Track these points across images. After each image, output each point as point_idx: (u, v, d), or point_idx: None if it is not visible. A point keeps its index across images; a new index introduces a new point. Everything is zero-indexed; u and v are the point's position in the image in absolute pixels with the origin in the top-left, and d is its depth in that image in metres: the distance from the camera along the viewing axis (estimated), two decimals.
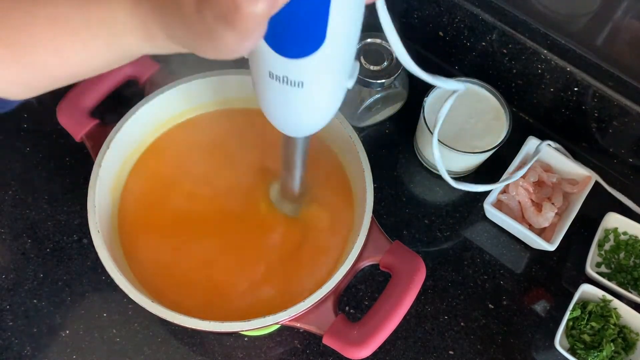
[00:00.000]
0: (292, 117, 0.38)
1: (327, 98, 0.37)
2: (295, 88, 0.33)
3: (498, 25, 0.62)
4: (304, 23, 0.29)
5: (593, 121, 0.63)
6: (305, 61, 0.32)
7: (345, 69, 0.35)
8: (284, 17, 0.28)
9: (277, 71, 0.33)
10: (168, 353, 0.55)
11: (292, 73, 0.33)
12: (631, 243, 0.61)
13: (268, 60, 0.32)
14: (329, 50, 0.31)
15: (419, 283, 0.48)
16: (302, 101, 0.35)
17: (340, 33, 0.31)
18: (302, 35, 0.30)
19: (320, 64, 0.32)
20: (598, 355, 0.55)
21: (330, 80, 0.35)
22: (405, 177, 0.66)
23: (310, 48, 0.31)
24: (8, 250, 0.59)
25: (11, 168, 0.63)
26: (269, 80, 0.34)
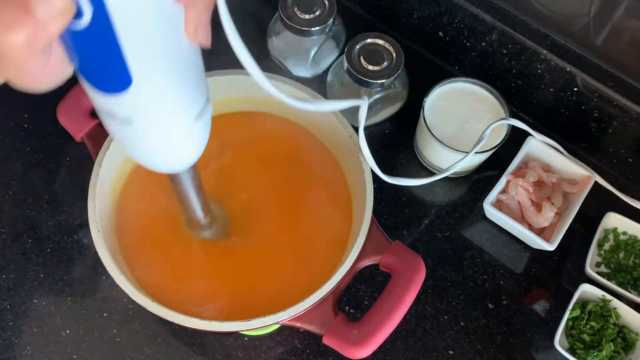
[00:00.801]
0: (140, 154, 0.35)
1: (168, 138, 0.34)
2: (126, 125, 0.31)
3: (498, 25, 0.62)
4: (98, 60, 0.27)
5: (593, 121, 0.63)
6: (122, 98, 0.29)
7: (182, 108, 0.32)
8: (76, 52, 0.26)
9: (101, 105, 0.31)
10: (168, 353, 0.55)
11: (116, 109, 0.30)
12: (631, 243, 0.61)
13: (90, 92, 0.30)
14: (144, 90, 0.29)
15: (419, 283, 0.48)
16: (138, 139, 0.33)
17: (151, 73, 0.29)
18: (104, 72, 0.28)
19: (141, 102, 0.30)
20: (598, 355, 0.55)
21: (161, 120, 0.32)
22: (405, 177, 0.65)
23: (118, 86, 0.28)
24: (8, 250, 0.59)
25: (11, 168, 0.63)
26: (101, 113, 0.32)
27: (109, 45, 0.26)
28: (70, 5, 0.22)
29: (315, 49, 0.64)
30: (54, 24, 0.21)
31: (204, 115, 0.34)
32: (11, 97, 0.67)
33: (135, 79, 0.28)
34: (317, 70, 0.67)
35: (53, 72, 0.24)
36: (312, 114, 0.57)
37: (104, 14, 0.24)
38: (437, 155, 0.62)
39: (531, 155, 0.63)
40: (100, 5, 0.24)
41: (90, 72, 0.29)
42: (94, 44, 0.26)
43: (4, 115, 0.66)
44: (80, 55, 0.27)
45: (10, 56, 0.22)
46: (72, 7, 0.22)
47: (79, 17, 0.24)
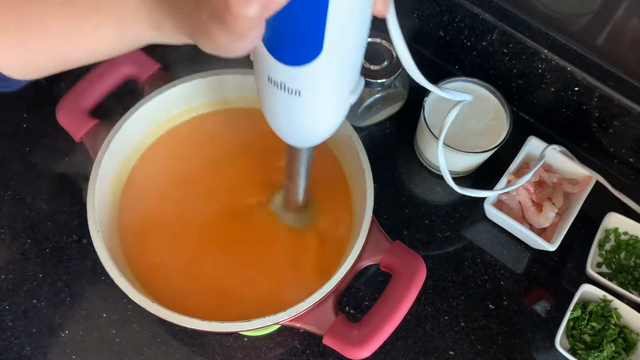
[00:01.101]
0: (291, 126, 0.37)
1: (327, 110, 0.36)
2: (293, 96, 0.33)
3: (498, 24, 0.62)
4: (301, 31, 0.29)
5: (594, 121, 0.63)
6: (303, 70, 0.31)
7: (347, 83, 0.34)
8: (281, 22, 0.28)
9: (275, 77, 0.32)
10: (168, 353, 0.55)
11: (290, 80, 0.32)
12: (632, 243, 0.61)
13: (267, 64, 0.32)
14: (327, 62, 0.30)
15: (420, 283, 0.48)
16: (300, 110, 0.35)
17: (339, 45, 0.30)
18: (299, 43, 0.30)
19: (318, 74, 0.31)
20: (598, 355, 0.55)
21: (329, 92, 0.34)
22: (405, 177, 0.65)
23: (307, 57, 0.30)
24: (8, 251, 0.59)
25: (11, 168, 0.63)
26: (268, 84, 0.33)
27: (319, 16, 0.28)
28: None
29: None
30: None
31: (357, 90, 0.36)
32: (11, 97, 0.67)
33: (324, 50, 0.29)
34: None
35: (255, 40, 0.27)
36: None
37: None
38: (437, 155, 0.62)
39: (532, 155, 0.63)
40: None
41: (280, 44, 0.30)
42: (307, 13, 0.28)
43: (4, 115, 0.66)
44: (285, 25, 0.28)
45: (242, 26, 0.25)
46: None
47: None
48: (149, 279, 0.51)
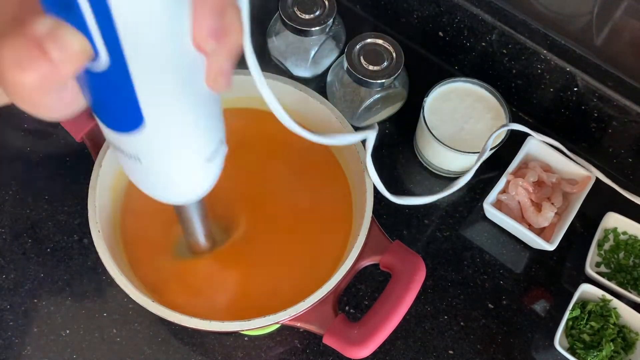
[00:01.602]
0: (148, 188, 0.35)
1: (178, 177, 0.33)
2: (135, 161, 0.31)
3: (498, 25, 0.62)
4: (111, 100, 0.27)
5: (593, 121, 0.63)
6: (132, 138, 0.29)
7: (194, 152, 0.32)
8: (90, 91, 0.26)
9: (112, 140, 0.30)
10: (168, 353, 0.55)
11: (125, 146, 0.30)
12: (631, 243, 0.61)
13: (102, 128, 0.30)
14: (154, 131, 0.28)
15: (419, 283, 0.48)
16: (148, 175, 0.33)
17: (163, 116, 0.28)
18: (115, 112, 0.27)
19: (150, 143, 0.29)
20: (597, 354, 0.55)
21: (171, 161, 0.32)
22: (405, 177, 0.66)
23: (128, 125, 0.28)
24: (8, 250, 0.59)
25: (11, 168, 0.63)
26: (112, 147, 0.32)
27: (123, 88, 0.26)
28: (86, 48, 0.22)
29: (315, 49, 0.64)
30: (68, 66, 0.21)
31: (216, 158, 0.34)
32: None
33: (147, 120, 0.28)
34: (317, 70, 0.67)
35: (67, 105, 0.24)
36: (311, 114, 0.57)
37: (121, 59, 0.24)
38: (437, 155, 0.62)
39: (531, 155, 0.63)
40: (118, 51, 0.23)
41: (102, 110, 0.28)
42: (107, 85, 0.26)
43: (5, 114, 0.66)
44: (93, 94, 0.26)
45: (23, 94, 0.22)
46: (88, 51, 0.22)
47: (95, 59, 0.24)
48: (149, 278, 0.51)
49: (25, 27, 0.21)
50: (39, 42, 0.20)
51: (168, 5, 0.23)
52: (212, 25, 0.24)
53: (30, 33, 0.20)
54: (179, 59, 0.26)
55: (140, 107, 0.27)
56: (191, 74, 0.27)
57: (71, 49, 0.21)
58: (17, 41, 0.21)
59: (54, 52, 0.21)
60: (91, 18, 0.22)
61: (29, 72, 0.21)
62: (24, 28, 0.21)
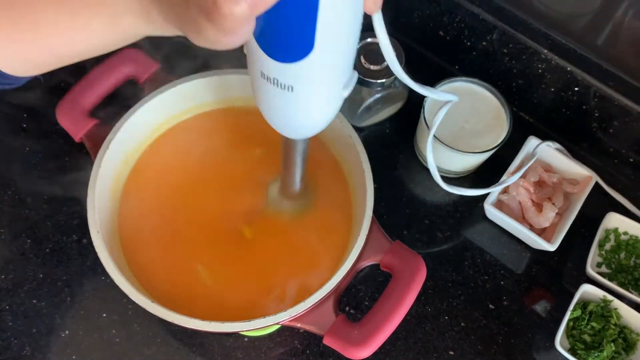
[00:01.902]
0: (285, 119, 0.37)
1: (320, 105, 0.36)
2: (285, 91, 0.33)
3: (498, 25, 0.62)
4: (291, 29, 0.29)
5: (594, 121, 0.63)
6: (295, 66, 0.31)
7: (339, 79, 0.35)
8: (271, 20, 0.28)
9: (268, 72, 0.32)
10: (168, 353, 0.55)
11: (282, 76, 0.32)
12: (632, 243, 0.61)
13: (259, 59, 0.32)
14: (319, 59, 0.31)
15: (420, 283, 0.48)
16: (293, 105, 0.35)
17: (330, 42, 0.30)
18: (290, 40, 0.30)
19: (310, 70, 0.31)
20: (598, 355, 0.55)
21: (321, 88, 0.34)
22: (405, 177, 0.65)
23: (298, 54, 0.30)
24: (7, 251, 0.59)
25: (11, 168, 0.63)
26: (261, 79, 0.33)
27: (310, 14, 0.28)
28: None
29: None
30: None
31: (350, 85, 0.36)
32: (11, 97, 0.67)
33: (316, 48, 0.30)
34: None
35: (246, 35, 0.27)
36: None
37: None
38: (438, 155, 0.62)
39: (532, 155, 0.63)
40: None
41: (271, 41, 0.30)
42: (298, 12, 0.28)
43: (4, 115, 0.66)
44: (276, 23, 0.28)
45: (230, 23, 0.25)
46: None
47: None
48: (149, 278, 0.51)
49: None
50: None
51: None
52: None
53: None
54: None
55: (316, 35, 0.29)
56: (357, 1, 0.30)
57: None
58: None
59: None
60: None
61: (242, 2, 0.24)
62: None
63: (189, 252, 0.53)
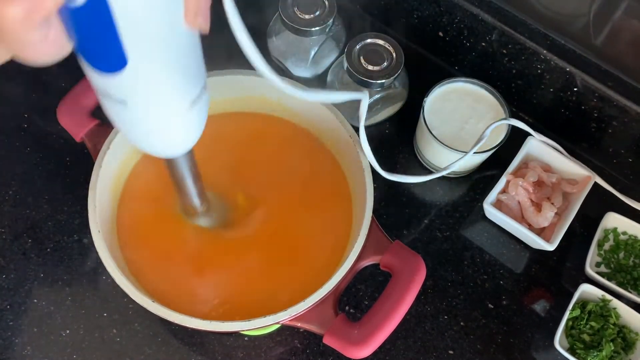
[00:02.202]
0: (135, 136, 0.36)
1: (162, 121, 0.34)
2: (120, 105, 0.31)
3: (498, 25, 0.62)
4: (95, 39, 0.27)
5: (593, 121, 0.63)
6: (117, 78, 0.29)
7: (177, 94, 0.32)
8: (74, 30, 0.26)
9: (97, 84, 0.31)
10: (168, 353, 0.55)
11: (110, 88, 0.31)
12: (631, 243, 0.61)
13: (86, 71, 0.30)
14: (138, 71, 0.29)
15: (419, 283, 0.48)
16: (131, 120, 0.33)
17: (147, 55, 0.28)
18: (100, 51, 0.28)
19: (134, 84, 0.30)
20: (597, 355, 0.55)
21: (155, 102, 0.32)
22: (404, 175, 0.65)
23: (113, 65, 0.29)
24: (8, 250, 0.59)
25: (11, 168, 0.63)
26: (98, 94, 0.32)
27: (105, 24, 0.26)
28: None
29: (315, 49, 0.64)
30: None
31: (199, 102, 0.34)
32: (11, 97, 0.67)
33: (130, 60, 0.28)
34: (317, 70, 0.67)
35: (53, 46, 0.25)
36: (311, 114, 0.57)
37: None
38: (437, 155, 0.62)
39: (531, 155, 0.63)
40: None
41: (87, 51, 0.29)
42: (90, 22, 0.26)
43: (4, 115, 0.66)
44: (77, 33, 0.27)
45: (9, 29, 0.22)
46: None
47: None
48: (149, 278, 0.51)
49: None
50: None
51: None
52: None
53: None
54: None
55: (123, 46, 0.27)
56: (172, 12, 0.28)
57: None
58: None
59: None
60: None
61: (14, 4, 0.21)
62: None
63: (188, 251, 0.53)
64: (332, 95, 0.45)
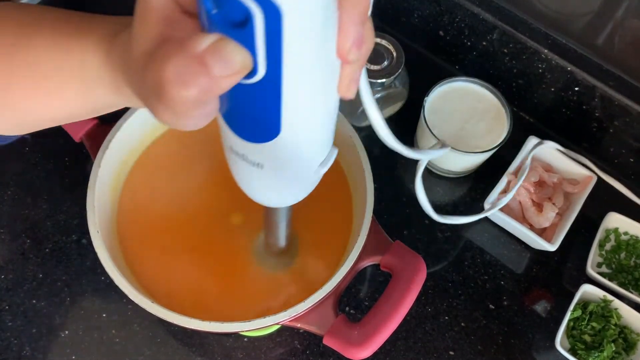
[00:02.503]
0: (257, 192, 0.36)
1: (292, 183, 0.34)
2: (255, 168, 0.31)
3: (499, 24, 0.62)
4: (254, 112, 0.27)
5: (594, 121, 0.63)
6: (262, 147, 0.29)
7: (313, 159, 0.33)
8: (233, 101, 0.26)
9: (237, 148, 0.31)
10: (168, 354, 0.55)
11: (251, 154, 0.31)
12: (632, 243, 0.61)
13: (227, 135, 0.30)
14: (287, 141, 0.29)
15: (420, 283, 0.47)
16: (263, 181, 0.33)
17: (299, 126, 0.28)
18: (255, 123, 0.28)
19: (279, 152, 0.30)
20: (599, 355, 0.55)
21: (292, 167, 0.32)
22: (405, 177, 0.65)
23: (264, 136, 0.28)
24: (7, 250, 0.59)
25: (10, 168, 0.63)
26: (231, 153, 0.32)
27: (272, 100, 0.26)
28: (247, 63, 0.22)
29: None
30: (228, 80, 0.22)
31: (328, 162, 0.34)
32: None
33: (283, 131, 0.28)
34: None
35: (207, 116, 0.24)
36: None
37: (278, 72, 0.24)
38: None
39: (532, 155, 0.63)
40: (277, 64, 0.23)
41: (240, 122, 0.28)
42: (257, 98, 0.25)
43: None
44: (237, 106, 0.27)
45: (180, 109, 0.23)
46: (248, 65, 0.22)
47: (253, 74, 0.23)
48: (149, 279, 0.51)
49: (187, 44, 0.21)
50: (201, 58, 0.21)
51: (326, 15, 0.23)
52: (359, 34, 0.24)
53: (192, 49, 0.21)
54: (322, 70, 0.26)
55: (282, 119, 0.27)
56: (329, 84, 0.27)
57: (233, 64, 0.22)
58: (180, 58, 0.21)
59: (215, 67, 0.21)
60: (261, 35, 0.22)
61: (191, 88, 0.21)
62: (186, 45, 0.21)
63: (188, 251, 0.53)
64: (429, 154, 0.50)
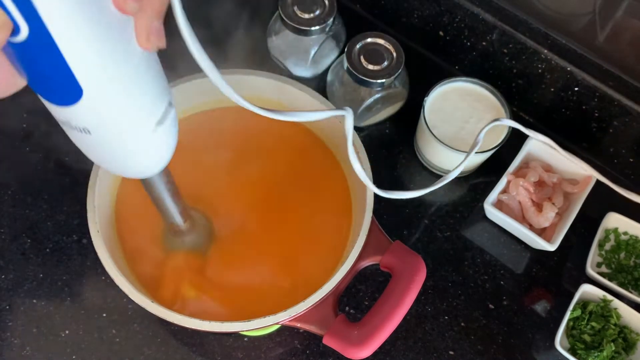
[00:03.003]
0: (106, 162, 0.35)
1: (128, 145, 0.33)
2: (84, 134, 0.30)
3: (498, 24, 0.62)
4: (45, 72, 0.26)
5: (593, 121, 0.63)
6: (75, 109, 0.28)
7: (143, 116, 0.31)
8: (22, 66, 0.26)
9: (57, 115, 0.30)
10: (168, 353, 0.55)
11: (73, 120, 0.29)
12: (632, 243, 0.61)
13: (47, 104, 0.29)
14: (97, 99, 0.28)
15: (420, 283, 0.48)
16: (101, 147, 0.32)
17: (102, 82, 0.27)
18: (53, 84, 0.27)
19: (94, 112, 0.29)
20: (598, 355, 0.55)
21: (119, 128, 0.31)
22: (405, 177, 0.65)
23: (69, 98, 0.28)
24: (7, 250, 0.59)
25: (10, 168, 0.63)
26: (62, 124, 0.31)
27: (53, 58, 0.25)
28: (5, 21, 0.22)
29: (315, 49, 0.64)
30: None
31: (165, 121, 0.33)
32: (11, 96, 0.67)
33: (86, 90, 0.27)
34: (317, 70, 0.67)
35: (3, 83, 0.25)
36: None
37: (42, 28, 0.24)
38: (438, 155, 0.62)
39: (532, 155, 0.63)
40: (37, 20, 0.23)
41: (40, 85, 0.28)
42: (36, 57, 0.25)
43: (4, 115, 0.66)
44: (26, 69, 0.26)
45: None
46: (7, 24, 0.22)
47: (16, 32, 0.24)
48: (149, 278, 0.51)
49: None
50: None
51: None
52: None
53: None
54: (103, 23, 0.26)
55: (76, 77, 0.26)
56: (121, 37, 0.27)
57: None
58: None
59: None
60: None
61: None
62: None
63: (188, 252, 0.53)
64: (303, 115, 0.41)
